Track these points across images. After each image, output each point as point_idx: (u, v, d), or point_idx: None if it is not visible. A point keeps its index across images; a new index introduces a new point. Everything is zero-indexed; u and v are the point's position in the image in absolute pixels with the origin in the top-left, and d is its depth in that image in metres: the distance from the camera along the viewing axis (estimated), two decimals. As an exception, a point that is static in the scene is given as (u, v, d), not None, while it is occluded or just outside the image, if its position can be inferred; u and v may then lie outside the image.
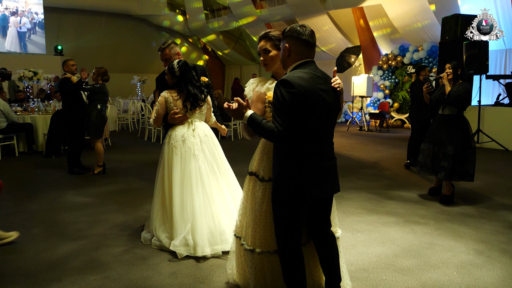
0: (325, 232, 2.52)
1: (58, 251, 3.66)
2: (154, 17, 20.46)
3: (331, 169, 2.37)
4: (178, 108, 3.70)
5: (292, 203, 2.31)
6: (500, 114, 9.29)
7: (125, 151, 9.17)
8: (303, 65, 2.31)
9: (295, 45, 2.31)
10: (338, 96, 2.37)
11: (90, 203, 5.17)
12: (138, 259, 3.48)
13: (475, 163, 4.99)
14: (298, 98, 2.16)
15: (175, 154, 3.67)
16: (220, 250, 3.51)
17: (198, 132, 3.75)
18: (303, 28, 2.31)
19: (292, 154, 2.27)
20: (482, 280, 3.08)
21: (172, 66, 3.68)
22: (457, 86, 4.92)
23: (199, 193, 3.59)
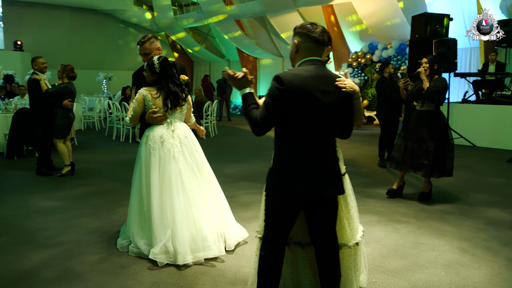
0: (326, 240, 2.38)
1: (28, 261, 3.41)
2: (121, 13, 19.85)
3: (326, 170, 2.24)
4: (157, 107, 3.49)
5: (278, 199, 2.26)
6: (468, 111, 9.53)
7: (93, 151, 8.82)
8: (308, 63, 2.25)
9: (304, 42, 2.26)
10: (346, 97, 2.28)
11: (60, 207, 4.89)
12: (117, 268, 3.28)
13: (454, 158, 5.00)
14: (286, 96, 2.13)
15: (153, 155, 3.45)
16: (203, 258, 3.33)
17: (178, 133, 3.55)
18: (313, 25, 2.26)
19: (281, 149, 2.25)
20: (470, 280, 3.07)
21: (152, 62, 3.46)
22: (435, 81, 4.86)
23: (180, 197, 3.40)
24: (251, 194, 5.31)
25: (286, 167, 2.22)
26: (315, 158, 2.22)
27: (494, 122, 9.02)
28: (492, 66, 9.61)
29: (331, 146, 2.30)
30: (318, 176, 2.22)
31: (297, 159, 2.20)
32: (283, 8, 14.37)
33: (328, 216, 2.35)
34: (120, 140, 10.21)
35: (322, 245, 2.39)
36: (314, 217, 2.35)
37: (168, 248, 3.31)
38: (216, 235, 3.45)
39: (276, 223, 2.31)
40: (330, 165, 2.28)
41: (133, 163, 3.70)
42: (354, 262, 2.63)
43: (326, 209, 2.33)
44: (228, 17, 16.44)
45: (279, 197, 2.26)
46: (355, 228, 2.66)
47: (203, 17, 17.59)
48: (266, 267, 2.34)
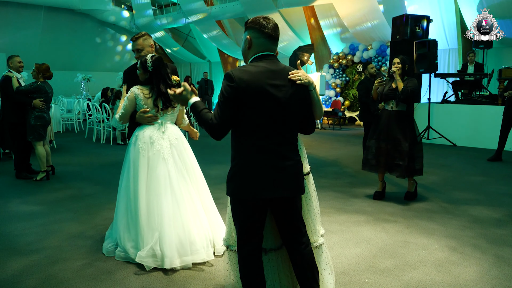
0: (296, 239, 2.32)
1: (8, 269, 3.25)
2: (98, 12, 19.50)
3: (285, 169, 2.17)
4: (148, 107, 3.40)
5: (238, 201, 2.22)
6: (448, 111, 9.67)
7: (73, 154, 8.59)
8: (260, 58, 2.20)
9: (257, 38, 2.21)
10: (302, 90, 2.23)
11: (39, 212, 4.71)
12: (102, 274, 3.16)
13: (423, 157, 5.00)
14: (237, 92, 2.09)
15: (142, 156, 3.35)
16: (190, 262, 3.24)
17: (169, 134, 3.45)
18: (266, 20, 2.21)
19: (238, 149, 2.21)
20: (461, 278, 3.07)
21: (145, 60, 3.36)
22: (407, 81, 4.79)
23: (168, 199, 3.30)
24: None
25: (243, 167, 2.17)
26: (273, 157, 2.15)
27: (474, 122, 9.18)
28: (471, 67, 9.79)
29: (290, 144, 2.23)
30: (276, 175, 2.16)
31: (254, 158, 2.15)
32: (264, 9, 14.35)
33: (292, 215, 2.28)
34: (101, 142, 9.98)
35: (293, 244, 2.34)
36: (280, 217, 2.30)
37: (156, 251, 3.21)
38: (204, 239, 3.36)
39: (245, 225, 2.25)
40: (289, 163, 2.20)
41: (114, 165, 3.61)
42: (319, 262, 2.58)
43: (290, 209, 2.27)
44: (208, 16, 16.33)
45: (240, 199, 2.20)
46: (316, 230, 2.59)
47: (183, 16, 17.43)
48: (248, 271, 2.28)
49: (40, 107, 5.97)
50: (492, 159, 7.57)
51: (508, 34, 10.34)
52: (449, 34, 12.11)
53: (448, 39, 12.23)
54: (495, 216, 4.50)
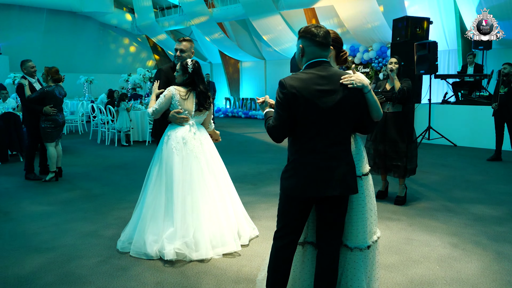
0: (327, 239, 2.40)
1: (26, 266, 3.38)
2: (100, 15, 19.63)
3: (335, 169, 2.27)
4: (182, 108, 3.61)
5: (288, 198, 2.36)
6: (448, 111, 9.80)
7: (79, 155, 8.72)
8: (312, 65, 2.31)
9: (309, 46, 2.31)
10: (356, 93, 2.29)
11: (51, 212, 4.84)
12: (118, 270, 3.28)
13: (417, 157, 5.03)
14: (288, 98, 2.22)
15: (176, 155, 3.56)
16: (222, 253, 3.49)
17: (199, 135, 3.70)
18: (317, 29, 2.30)
19: (291, 149, 2.36)
20: (463, 273, 3.20)
21: (186, 63, 3.62)
22: (402, 82, 4.82)
23: (203, 195, 3.54)
24: (244, 196, 5.34)
25: (294, 166, 2.30)
26: (323, 158, 2.26)
27: (474, 122, 9.30)
28: (471, 68, 9.91)
29: (341, 145, 2.31)
30: (326, 175, 2.25)
31: (305, 159, 2.27)
32: (266, 11, 14.48)
33: (335, 215, 2.37)
34: (106, 144, 10.11)
35: (324, 245, 2.41)
36: (322, 215, 2.39)
37: (190, 243, 3.40)
38: (232, 231, 3.61)
39: (286, 220, 2.39)
40: (339, 164, 2.29)
41: (121, 166, 3.75)
42: (364, 266, 2.56)
43: (335, 208, 2.35)
44: (210, 19, 16.46)
45: (287, 195, 2.34)
46: (366, 232, 2.56)
47: (184, 18, 17.56)
48: (276, 263, 2.41)
49: (50, 113, 6.11)
50: (492, 159, 7.70)
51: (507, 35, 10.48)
52: (449, 36, 12.24)
53: (448, 40, 12.36)
54: (496, 214, 4.62)
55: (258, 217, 4.53)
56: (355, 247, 2.52)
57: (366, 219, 2.55)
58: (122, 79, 16.97)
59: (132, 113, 10.06)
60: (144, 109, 10.50)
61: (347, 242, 2.53)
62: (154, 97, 3.73)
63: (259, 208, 4.90)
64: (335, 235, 2.41)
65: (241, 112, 17.80)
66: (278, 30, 15.17)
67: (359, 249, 2.53)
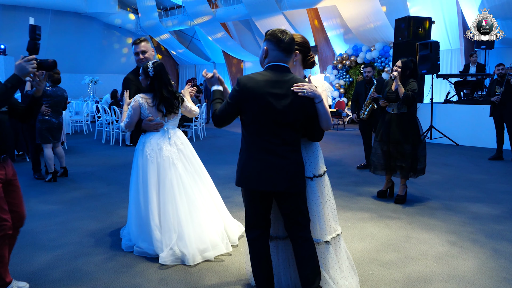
0: (294, 232, 2.54)
1: (35, 263, 3.48)
2: (104, 15, 19.78)
3: (282, 167, 2.40)
4: (153, 115, 3.57)
5: (242, 190, 2.58)
6: (450, 111, 9.84)
7: (84, 155, 8.83)
8: (271, 68, 2.44)
9: (273, 50, 2.44)
10: (306, 101, 2.40)
11: (57, 211, 4.94)
12: (123, 267, 3.38)
13: (426, 157, 5.08)
14: (240, 96, 2.41)
15: (150, 162, 3.54)
16: (212, 256, 3.48)
17: (175, 140, 3.65)
18: (283, 34, 2.42)
19: (242, 144, 2.53)
20: (460, 270, 3.27)
21: (147, 66, 3.51)
22: (407, 85, 4.82)
23: (183, 201, 3.52)
24: (246, 194, 5.46)
25: (245, 161, 2.47)
26: (271, 155, 2.41)
27: (476, 122, 9.34)
28: (473, 68, 9.95)
29: (290, 145, 2.43)
30: (272, 172, 2.40)
31: (253, 154, 2.44)
32: (268, 11, 14.57)
33: (290, 209, 2.51)
34: (110, 144, 10.22)
35: (292, 236, 2.56)
36: (281, 209, 2.55)
37: (175, 251, 3.42)
38: (220, 233, 3.62)
39: (249, 212, 2.57)
40: (287, 162, 2.42)
41: (126, 166, 3.82)
42: (324, 260, 2.69)
43: (288, 203, 2.50)
44: (213, 19, 16.56)
45: (242, 188, 2.54)
46: (321, 229, 2.70)
47: (188, 18, 17.66)
48: (254, 256, 2.56)
49: (43, 112, 6.12)
50: (493, 158, 7.75)
51: (509, 34, 10.51)
52: (451, 35, 12.29)
53: (450, 39, 12.41)
54: (495, 212, 4.68)
55: (260, 216, 4.62)
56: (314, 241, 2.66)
57: (322, 216, 2.69)
58: (127, 79, 17.05)
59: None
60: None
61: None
62: (126, 108, 3.63)
63: (261, 207, 4.98)
64: (300, 227, 2.53)
65: (244, 111, 17.86)
66: (281, 30, 15.21)
67: (317, 243, 2.68)
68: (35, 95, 2.83)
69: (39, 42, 2.83)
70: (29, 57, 2.61)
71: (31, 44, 2.82)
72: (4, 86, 2.52)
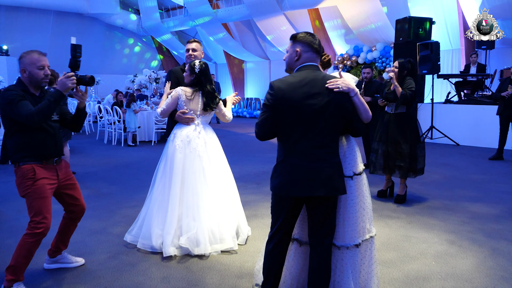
0: (318, 238, 2.47)
1: (40, 261, 3.53)
2: (106, 16, 19.87)
3: (321, 170, 2.35)
4: (188, 109, 3.74)
5: (277, 197, 2.49)
6: (451, 111, 9.88)
7: (86, 155, 8.90)
8: (303, 68, 2.44)
9: (306, 52, 2.45)
10: (342, 97, 2.37)
11: (60, 210, 4.92)
12: (126, 265, 3.43)
13: (425, 157, 5.11)
14: (275, 100, 2.37)
15: (178, 152, 3.70)
16: (219, 249, 3.62)
17: (204, 135, 3.81)
18: (314, 37, 2.48)
19: (279, 151, 2.48)
20: (458, 268, 3.31)
21: (194, 64, 3.71)
22: (404, 84, 4.86)
23: (204, 193, 3.67)
24: (247, 194, 5.51)
25: (282, 166, 2.42)
26: (309, 159, 2.36)
27: (476, 122, 9.38)
28: (474, 68, 9.98)
29: (327, 147, 2.38)
30: (312, 176, 2.35)
31: (291, 160, 2.39)
32: (270, 12, 14.62)
33: (322, 216, 2.45)
34: (112, 144, 10.29)
35: (316, 244, 2.48)
36: (311, 216, 2.49)
37: (191, 239, 3.55)
38: (231, 230, 3.74)
39: (279, 218, 2.49)
40: (326, 165, 2.37)
41: (128, 166, 3.89)
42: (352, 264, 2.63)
43: (323, 208, 2.43)
44: (214, 19, 16.61)
45: (275, 194, 2.48)
46: (356, 230, 2.62)
47: (189, 19, 17.71)
48: (269, 260, 2.54)
49: None
50: (493, 158, 7.78)
51: (509, 35, 10.54)
52: (452, 35, 12.32)
53: (451, 40, 12.44)
54: (493, 212, 4.72)
55: (261, 215, 4.67)
56: (342, 245, 2.61)
57: (356, 218, 2.61)
58: (128, 80, 17.15)
59: (138, 113, 10.23)
60: (150, 110, 10.69)
61: (334, 240, 2.62)
62: (165, 97, 3.86)
63: (262, 206, 5.04)
64: (325, 234, 2.48)
65: (245, 112, 17.94)
66: (282, 31, 15.29)
67: (346, 247, 2.61)
68: (79, 106, 3.16)
69: (80, 60, 3.09)
70: (69, 73, 2.91)
71: (72, 61, 3.07)
72: (47, 101, 2.80)
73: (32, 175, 2.89)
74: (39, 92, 3.03)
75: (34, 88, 2.98)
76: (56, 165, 3.07)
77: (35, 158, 2.92)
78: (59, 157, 3.09)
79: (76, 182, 3.29)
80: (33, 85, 2.96)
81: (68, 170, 3.22)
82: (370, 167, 5.27)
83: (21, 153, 2.90)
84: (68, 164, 3.28)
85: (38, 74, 2.91)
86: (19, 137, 2.89)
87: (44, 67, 2.94)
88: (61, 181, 3.12)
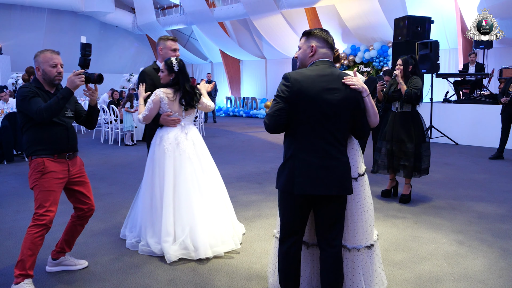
0: (328, 240, 2.39)
1: (41, 264, 3.43)
2: (101, 14, 19.66)
3: (332, 168, 2.28)
4: (172, 111, 3.60)
5: (286, 195, 2.37)
6: (449, 110, 9.87)
7: (83, 155, 8.76)
8: (319, 63, 2.38)
9: (322, 47, 2.41)
10: (355, 95, 2.33)
11: (60, 211, 4.80)
12: (131, 267, 3.34)
13: (430, 156, 5.08)
14: (292, 92, 2.27)
15: (168, 156, 3.56)
16: (222, 251, 3.52)
17: (191, 135, 3.69)
18: (328, 33, 2.45)
19: (288, 146, 2.37)
20: (470, 269, 3.26)
21: (171, 62, 3.55)
22: (410, 82, 4.82)
23: (197, 195, 3.56)
24: (250, 194, 5.44)
25: (291, 164, 2.32)
26: (321, 156, 2.28)
27: (475, 121, 9.37)
28: (472, 67, 9.98)
29: (339, 145, 2.32)
30: (323, 174, 2.27)
31: (301, 156, 2.29)
32: (266, 11, 14.54)
33: (332, 216, 2.37)
34: (109, 143, 10.16)
35: (326, 247, 2.39)
36: (320, 215, 2.39)
37: (187, 244, 3.44)
38: (229, 230, 3.66)
39: (287, 219, 2.40)
40: (336, 163, 2.30)
41: (127, 166, 3.80)
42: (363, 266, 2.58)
43: (332, 207, 2.35)
44: (211, 18, 16.50)
45: (282, 192, 2.38)
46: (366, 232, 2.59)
47: (185, 18, 17.59)
48: (283, 264, 2.43)
49: None
50: (494, 157, 7.76)
51: (508, 34, 10.55)
52: (449, 34, 12.32)
53: (449, 39, 12.44)
54: (499, 211, 4.69)
55: (265, 216, 4.60)
56: (353, 247, 2.56)
57: (365, 219, 2.57)
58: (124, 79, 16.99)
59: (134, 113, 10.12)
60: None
61: (345, 243, 2.56)
62: (142, 101, 3.68)
63: (265, 206, 4.96)
64: (335, 235, 2.40)
65: (242, 111, 17.86)
66: (279, 29, 15.22)
67: (357, 250, 2.56)
68: (90, 104, 3.23)
69: (89, 58, 3.18)
70: (78, 71, 2.97)
71: (82, 60, 3.16)
72: (56, 98, 2.89)
73: (42, 168, 2.95)
74: (54, 90, 3.10)
75: (48, 85, 3.06)
76: (69, 160, 3.09)
77: (47, 151, 2.98)
78: (72, 153, 3.12)
79: (87, 181, 3.28)
80: (47, 83, 3.04)
81: (82, 167, 3.24)
82: (374, 166, 5.22)
83: (34, 147, 2.98)
84: (82, 162, 3.27)
85: (51, 72, 3.01)
86: (33, 132, 2.98)
87: (57, 65, 3.03)
88: (72, 177, 3.12)
